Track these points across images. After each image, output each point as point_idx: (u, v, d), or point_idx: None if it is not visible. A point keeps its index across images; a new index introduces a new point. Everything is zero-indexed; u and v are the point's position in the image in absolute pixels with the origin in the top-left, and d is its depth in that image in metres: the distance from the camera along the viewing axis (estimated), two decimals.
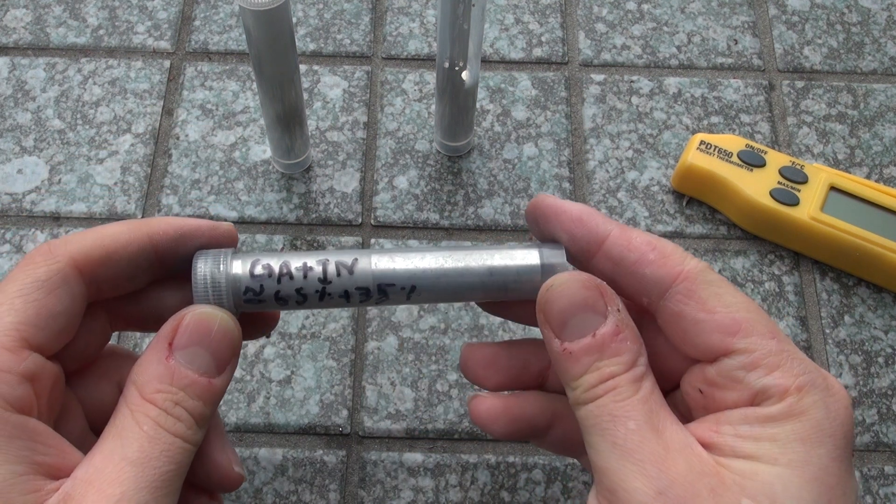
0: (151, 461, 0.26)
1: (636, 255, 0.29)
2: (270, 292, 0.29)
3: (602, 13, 0.51)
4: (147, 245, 0.29)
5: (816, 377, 0.27)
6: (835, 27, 0.51)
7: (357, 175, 0.46)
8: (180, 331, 0.27)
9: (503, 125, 0.47)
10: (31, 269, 0.27)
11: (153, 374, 0.27)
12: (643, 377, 0.27)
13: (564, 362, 0.28)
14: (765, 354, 0.27)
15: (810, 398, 0.26)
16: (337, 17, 0.51)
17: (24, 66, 0.48)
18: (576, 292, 0.28)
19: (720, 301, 0.28)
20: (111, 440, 0.26)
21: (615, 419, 0.26)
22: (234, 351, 0.28)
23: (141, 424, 0.26)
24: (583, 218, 0.30)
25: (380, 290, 0.29)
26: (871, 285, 0.44)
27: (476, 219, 0.45)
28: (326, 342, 0.41)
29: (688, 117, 0.48)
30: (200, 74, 0.48)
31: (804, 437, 0.26)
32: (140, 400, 0.26)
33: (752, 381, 0.27)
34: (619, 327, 0.27)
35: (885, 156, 0.47)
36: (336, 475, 0.39)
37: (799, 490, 0.25)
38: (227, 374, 0.28)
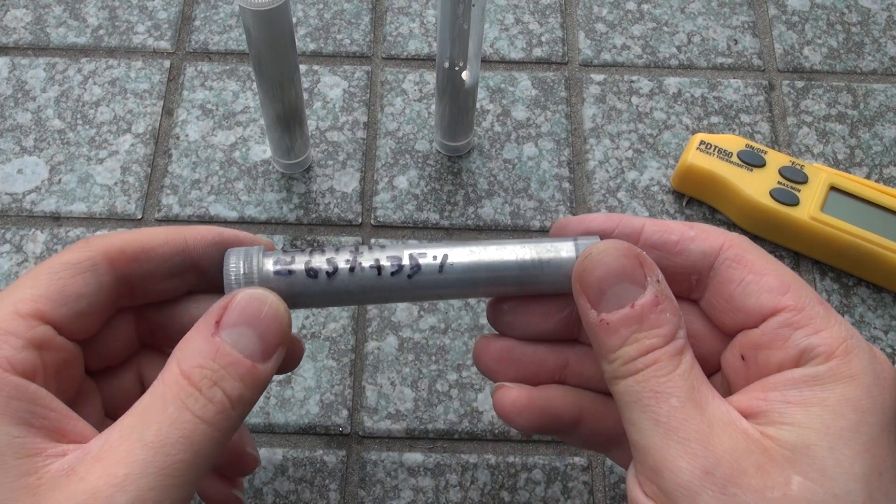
0: (167, 447, 0.24)
1: (676, 235, 0.29)
2: (301, 263, 0.28)
3: (602, 13, 0.51)
4: (182, 247, 0.29)
5: (863, 343, 0.26)
6: (835, 27, 0.51)
7: (357, 175, 0.46)
8: (230, 309, 0.27)
9: (503, 125, 0.47)
10: (65, 254, 0.27)
11: (196, 349, 0.26)
12: (683, 350, 0.26)
13: (601, 334, 0.27)
14: (812, 315, 0.27)
15: (859, 363, 0.26)
16: (337, 17, 0.51)
17: (24, 66, 0.48)
18: (614, 260, 0.27)
19: (769, 265, 0.28)
20: (133, 417, 0.25)
21: (657, 395, 0.25)
22: (282, 337, 0.27)
23: (166, 405, 0.25)
24: (612, 217, 0.30)
25: (411, 260, 0.28)
26: (871, 285, 0.44)
27: (476, 219, 0.45)
28: (326, 342, 0.41)
29: (688, 117, 0.48)
30: (200, 74, 0.49)
31: (856, 404, 0.25)
32: (176, 374, 0.25)
33: (798, 339, 0.26)
34: (658, 298, 0.27)
35: (885, 156, 0.47)
36: (336, 475, 0.39)
37: (851, 464, 0.24)
38: (273, 362, 0.27)
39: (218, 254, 0.29)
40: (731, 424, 0.25)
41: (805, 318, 0.27)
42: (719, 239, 0.29)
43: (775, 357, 0.27)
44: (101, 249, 0.27)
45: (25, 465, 0.23)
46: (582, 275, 0.28)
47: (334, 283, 0.28)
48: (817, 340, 0.26)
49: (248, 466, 0.34)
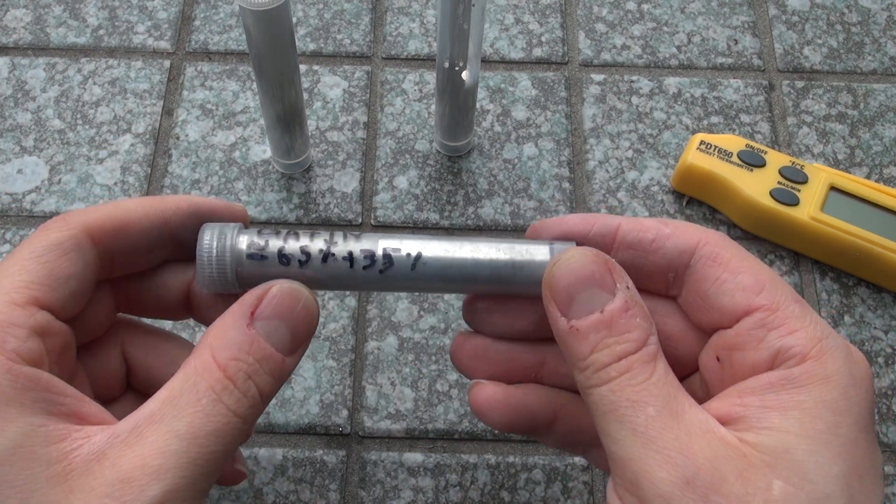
0: (200, 439, 0.24)
1: (652, 233, 0.29)
2: (274, 249, 0.28)
3: (602, 13, 0.51)
4: (161, 220, 0.29)
5: (839, 342, 0.26)
6: (835, 27, 0.51)
7: (357, 175, 0.46)
8: (265, 300, 0.27)
9: (503, 125, 0.47)
10: (45, 234, 0.27)
11: (232, 340, 0.26)
12: (656, 357, 0.26)
13: (571, 341, 0.27)
14: (787, 315, 0.26)
15: (834, 364, 0.25)
16: (337, 17, 0.51)
17: (24, 66, 0.48)
18: (583, 267, 0.27)
19: (744, 263, 0.28)
20: (163, 404, 0.25)
21: (634, 404, 0.25)
22: (311, 332, 0.28)
23: (200, 397, 0.25)
24: (587, 218, 0.30)
25: (384, 255, 0.29)
26: (871, 285, 0.44)
27: (476, 219, 0.45)
28: (326, 342, 0.41)
29: (688, 117, 0.48)
30: (200, 74, 0.49)
31: (832, 405, 0.25)
32: (211, 364, 0.25)
33: (772, 340, 0.26)
34: (627, 304, 0.26)
35: (885, 156, 0.47)
36: (336, 475, 0.39)
37: (830, 466, 0.24)
38: (297, 356, 0.27)
39: (195, 224, 0.29)
40: (710, 432, 0.25)
41: (779, 318, 0.26)
42: (695, 236, 0.28)
43: (749, 358, 0.27)
44: (81, 226, 0.27)
45: (53, 453, 0.23)
46: (551, 282, 0.27)
47: (306, 270, 0.29)
48: (791, 341, 0.26)
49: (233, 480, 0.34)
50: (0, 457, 0.23)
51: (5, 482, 0.23)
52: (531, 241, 0.30)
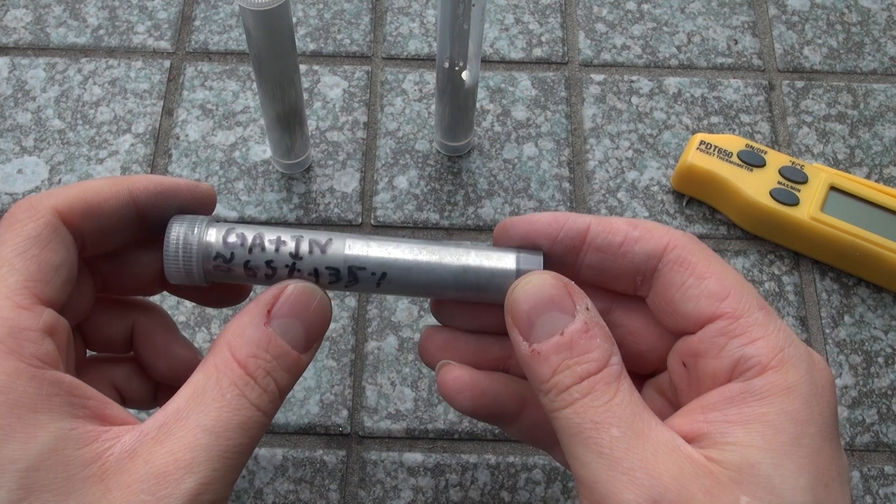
0: (227, 432, 0.25)
1: (620, 236, 0.29)
2: (240, 261, 0.29)
3: (602, 13, 0.51)
4: (128, 200, 0.28)
5: (801, 350, 0.26)
6: (835, 27, 0.51)
7: (357, 175, 0.46)
8: (282, 299, 0.27)
9: (503, 125, 0.47)
10: (19, 227, 0.26)
11: (250, 338, 0.26)
12: (619, 377, 0.26)
13: (533, 364, 0.27)
14: (749, 323, 0.26)
15: (796, 373, 0.25)
16: (337, 17, 0.51)
17: (24, 66, 0.48)
18: (542, 291, 0.27)
19: (711, 268, 0.28)
20: (188, 400, 0.25)
21: (597, 426, 0.25)
22: (324, 329, 0.28)
23: (224, 392, 0.25)
24: (558, 218, 0.30)
25: (350, 273, 0.29)
26: (871, 285, 0.44)
27: (476, 219, 0.45)
28: (326, 342, 0.41)
29: (688, 117, 0.48)
30: (200, 74, 0.49)
31: (794, 416, 0.25)
32: (231, 361, 0.26)
33: (732, 349, 0.26)
34: (587, 325, 0.26)
35: (884, 156, 0.47)
36: (336, 475, 0.39)
37: (796, 478, 0.24)
38: (311, 353, 0.28)
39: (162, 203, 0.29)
40: (676, 450, 0.25)
41: (741, 326, 0.26)
42: (663, 239, 0.28)
43: (710, 366, 0.27)
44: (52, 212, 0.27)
45: (87, 454, 0.24)
46: (512, 307, 0.28)
47: (272, 282, 0.29)
48: (752, 351, 0.26)
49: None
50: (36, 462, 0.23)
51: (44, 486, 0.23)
52: (500, 250, 0.30)
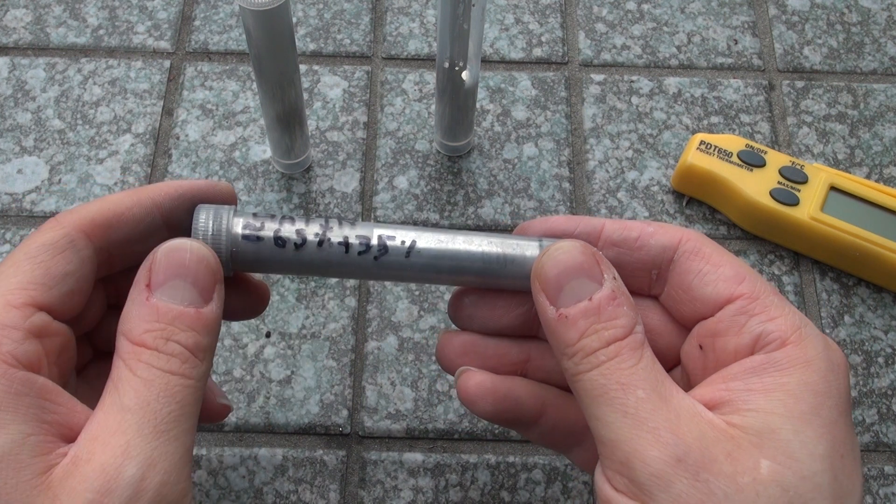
0: (150, 405, 0.25)
1: (636, 232, 0.30)
2: (270, 231, 0.28)
3: (602, 13, 0.51)
4: (151, 207, 0.29)
5: (816, 331, 0.27)
6: (835, 27, 0.51)
7: (357, 175, 0.46)
8: (154, 268, 0.27)
9: (503, 125, 0.47)
10: (38, 235, 0.27)
11: (138, 318, 0.26)
12: (643, 344, 0.27)
13: (560, 328, 0.27)
14: (767, 304, 0.27)
15: (814, 349, 0.26)
16: (337, 17, 0.51)
17: (24, 66, 0.48)
18: (572, 257, 0.28)
19: (724, 257, 0.29)
20: (109, 394, 0.25)
21: (624, 387, 0.26)
22: (215, 276, 0.27)
23: (134, 370, 0.25)
24: (572, 218, 0.31)
25: (380, 243, 0.29)
26: (871, 285, 0.44)
27: (476, 219, 0.45)
28: (326, 342, 0.41)
29: (688, 117, 0.48)
30: (200, 74, 0.49)
31: (814, 387, 0.26)
32: (130, 346, 0.26)
33: (753, 326, 0.27)
34: (615, 292, 0.27)
35: (885, 156, 0.47)
36: (336, 475, 0.39)
37: (814, 444, 0.25)
38: (216, 303, 0.27)
39: (185, 207, 0.29)
40: (697, 415, 0.25)
41: (760, 305, 0.27)
42: (677, 234, 0.30)
43: (731, 343, 0.27)
44: (73, 224, 0.27)
45: (40, 464, 0.24)
46: (540, 272, 0.28)
47: (301, 254, 0.29)
48: (772, 327, 0.27)
49: (220, 415, 0.34)
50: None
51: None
52: (522, 237, 0.30)
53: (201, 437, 0.39)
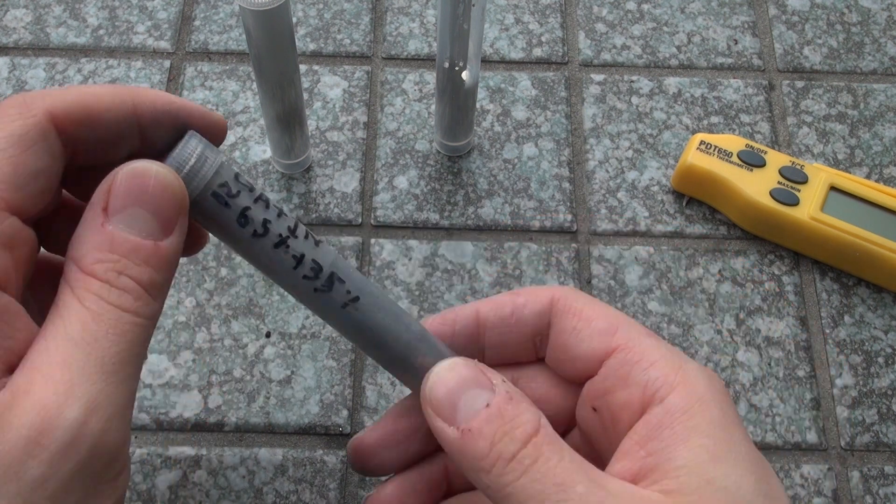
0: (98, 341, 0.23)
1: (509, 307, 0.30)
2: (240, 204, 0.26)
3: (602, 13, 0.51)
4: (130, 113, 0.26)
5: (695, 364, 0.28)
6: (835, 27, 0.51)
7: (357, 175, 0.46)
8: (113, 192, 0.24)
9: (503, 125, 0.47)
10: (6, 122, 0.24)
11: (91, 245, 0.24)
12: (557, 437, 0.26)
13: (468, 444, 0.25)
14: (643, 349, 0.28)
15: (700, 384, 0.26)
16: (337, 17, 0.51)
17: (24, 66, 0.48)
18: (457, 373, 0.27)
19: (596, 310, 0.29)
20: (52, 321, 0.23)
21: (562, 487, 0.24)
22: (179, 207, 0.25)
23: (83, 300, 0.23)
24: (446, 318, 0.31)
25: (329, 279, 0.28)
26: (871, 285, 0.44)
27: (476, 219, 0.45)
28: (326, 342, 0.41)
29: (688, 117, 0.48)
30: (200, 74, 0.49)
31: (718, 422, 0.26)
32: (80, 274, 0.23)
33: (637, 375, 0.27)
34: (508, 393, 0.26)
35: (885, 156, 0.47)
36: (336, 475, 0.39)
37: (745, 479, 0.25)
38: (176, 236, 0.25)
39: (167, 125, 0.27)
40: (634, 496, 0.24)
41: (637, 353, 0.28)
42: (547, 295, 0.30)
43: (621, 398, 0.27)
44: (45, 113, 0.24)
45: None
46: (430, 394, 0.27)
47: (254, 243, 0.27)
48: (655, 373, 0.27)
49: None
50: None
51: None
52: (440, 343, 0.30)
53: (201, 437, 0.39)
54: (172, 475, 0.38)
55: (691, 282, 0.43)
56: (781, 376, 0.41)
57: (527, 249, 0.44)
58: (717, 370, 0.41)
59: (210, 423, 0.39)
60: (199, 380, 0.40)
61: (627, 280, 0.43)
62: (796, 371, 0.41)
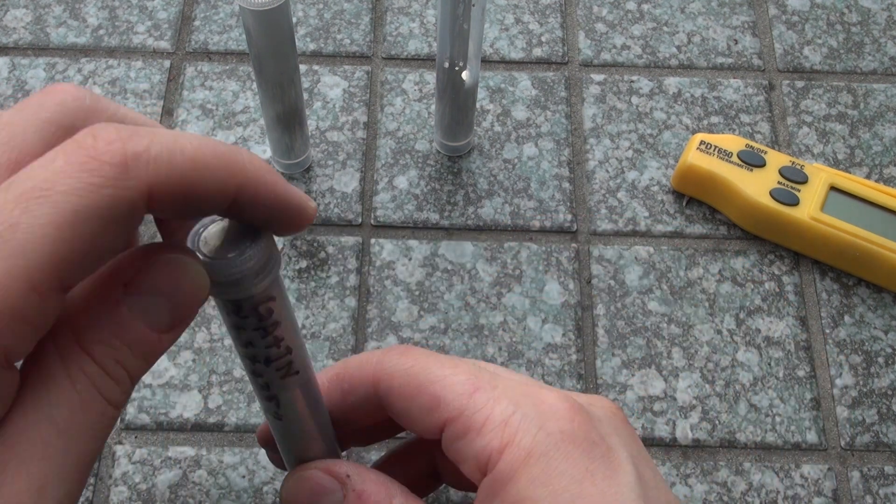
0: (81, 434, 0.20)
1: (344, 386, 0.30)
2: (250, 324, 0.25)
3: (602, 13, 0.51)
4: (231, 196, 0.22)
5: (527, 409, 0.26)
6: (835, 27, 0.51)
7: (357, 175, 0.46)
8: (143, 273, 0.21)
9: (503, 125, 0.47)
10: (95, 185, 0.19)
11: (97, 321, 0.21)
12: None
13: None
14: (470, 414, 0.27)
15: (527, 437, 0.26)
16: (337, 17, 0.51)
17: (24, 66, 0.48)
18: (304, 484, 0.29)
19: (416, 379, 0.28)
20: (36, 393, 0.20)
21: None
22: (196, 309, 0.23)
23: (74, 381, 0.20)
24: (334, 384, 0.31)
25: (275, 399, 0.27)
26: (871, 285, 0.44)
27: (476, 219, 0.45)
28: (326, 342, 0.41)
29: (688, 117, 0.48)
30: (200, 74, 0.49)
31: (541, 479, 0.25)
32: (76, 349, 0.21)
33: (467, 449, 0.27)
34: (356, 491, 0.28)
35: (885, 156, 0.47)
36: None
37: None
38: (176, 333, 0.23)
39: (259, 207, 0.22)
40: None
41: (462, 425, 0.27)
42: (368, 374, 0.29)
43: (465, 469, 0.27)
44: (145, 189, 0.19)
45: None
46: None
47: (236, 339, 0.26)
48: (481, 442, 0.26)
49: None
50: None
51: None
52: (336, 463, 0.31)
53: (201, 436, 0.39)
54: (172, 475, 0.38)
55: (691, 282, 0.43)
56: (781, 376, 0.41)
57: (527, 249, 0.44)
58: (717, 370, 0.41)
59: (210, 423, 0.39)
60: (199, 380, 0.40)
61: (627, 280, 0.43)
62: (796, 371, 0.41)
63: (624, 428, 0.28)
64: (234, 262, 0.23)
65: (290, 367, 0.26)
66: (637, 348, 0.42)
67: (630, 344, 0.42)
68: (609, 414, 0.29)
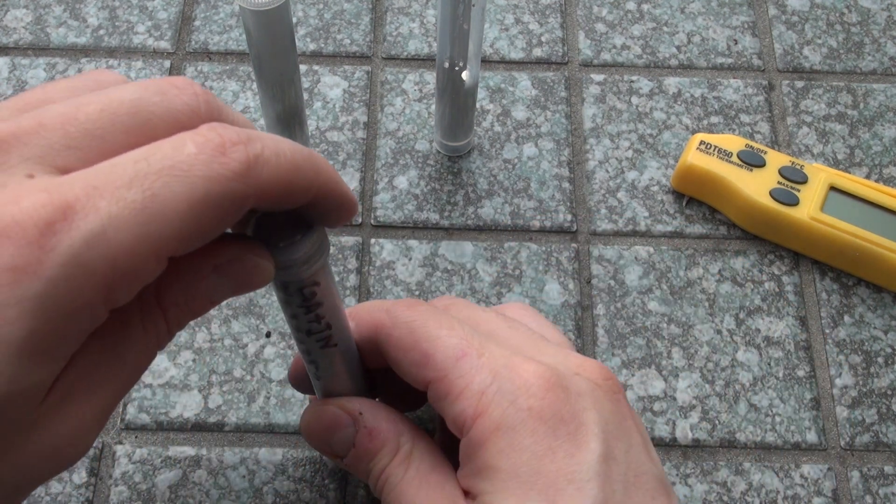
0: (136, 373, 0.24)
1: (351, 324, 0.32)
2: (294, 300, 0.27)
3: (602, 13, 0.51)
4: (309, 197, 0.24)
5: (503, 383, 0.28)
6: (835, 27, 0.51)
7: (357, 175, 0.46)
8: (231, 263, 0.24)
9: (503, 125, 0.47)
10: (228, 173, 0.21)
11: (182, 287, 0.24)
12: (410, 455, 0.30)
13: (352, 470, 0.32)
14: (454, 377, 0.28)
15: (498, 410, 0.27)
16: (337, 17, 0.51)
17: (24, 66, 0.48)
18: (321, 417, 0.32)
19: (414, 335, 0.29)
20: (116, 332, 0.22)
21: (399, 499, 0.29)
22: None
23: (147, 332, 0.23)
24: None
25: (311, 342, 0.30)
26: (870, 285, 0.44)
27: (476, 219, 0.45)
28: None
29: (688, 117, 0.48)
30: (200, 74, 0.49)
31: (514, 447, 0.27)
32: (155, 305, 0.23)
33: (448, 409, 0.28)
34: (367, 428, 0.30)
35: (884, 156, 0.47)
36: (336, 475, 0.39)
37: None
38: None
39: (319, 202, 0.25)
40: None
41: (444, 386, 0.28)
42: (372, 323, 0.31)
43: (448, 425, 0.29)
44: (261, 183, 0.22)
45: None
46: (306, 435, 0.33)
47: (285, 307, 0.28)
48: (458, 407, 0.28)
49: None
50: None
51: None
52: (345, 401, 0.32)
53: (201, 436, 0.39)
54: (172, 475, 0.38)
55: (691, 282, 0.43)
56: (781, 376, 0.41)
57: (527, 249, 0.44)
58: (716, 370, 0.41)
59: (210, 423, 0.39)
60: (199, 380, 0.40)
61: (627, 280, 0.43)
62: (796, 371, 0.41)
63: (607, 400, 0.29)
64: (291, 250, 0.25)
65: (330, 341, 0.29)
66: (637, 348, 0.42)
67: (630, 344, 0.42)
68: (593, 385, 0.29)
